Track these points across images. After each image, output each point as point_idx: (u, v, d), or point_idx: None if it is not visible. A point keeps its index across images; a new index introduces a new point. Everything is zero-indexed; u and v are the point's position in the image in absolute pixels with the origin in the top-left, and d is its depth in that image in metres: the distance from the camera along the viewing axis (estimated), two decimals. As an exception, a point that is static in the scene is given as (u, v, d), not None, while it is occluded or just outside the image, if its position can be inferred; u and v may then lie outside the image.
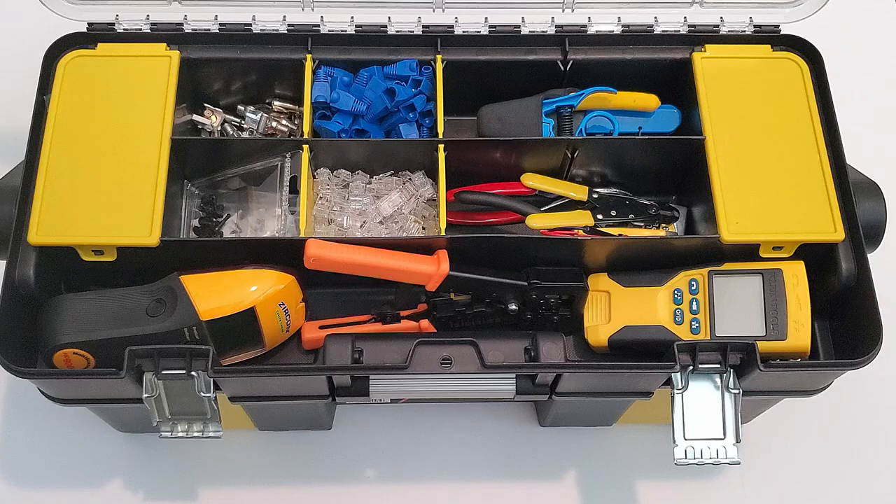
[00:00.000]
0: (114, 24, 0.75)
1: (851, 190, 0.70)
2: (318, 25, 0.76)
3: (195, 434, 0.67)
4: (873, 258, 0.70)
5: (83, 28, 0.75)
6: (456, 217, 0.77)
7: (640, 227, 0.75)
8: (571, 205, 0.76)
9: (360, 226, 0.76)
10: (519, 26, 0.77)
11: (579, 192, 0.76)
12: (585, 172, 0.77)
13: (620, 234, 0.74)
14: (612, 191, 0.77)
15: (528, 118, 0.76)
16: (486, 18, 0.77)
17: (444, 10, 0.77)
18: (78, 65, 0.74)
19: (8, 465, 0.79)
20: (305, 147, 0.73)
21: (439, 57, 0.76)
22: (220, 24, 0.76)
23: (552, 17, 0.77)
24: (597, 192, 0.76)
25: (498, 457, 0.80)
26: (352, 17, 0.76)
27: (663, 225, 0.76)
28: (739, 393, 0.65)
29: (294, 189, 0.75)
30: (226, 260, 0.69)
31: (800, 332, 0.68)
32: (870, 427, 0.82)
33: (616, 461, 0.80)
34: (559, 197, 0.76)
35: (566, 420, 0.80)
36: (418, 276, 0.69)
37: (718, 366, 0.65)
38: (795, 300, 0.69)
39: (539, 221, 0.73)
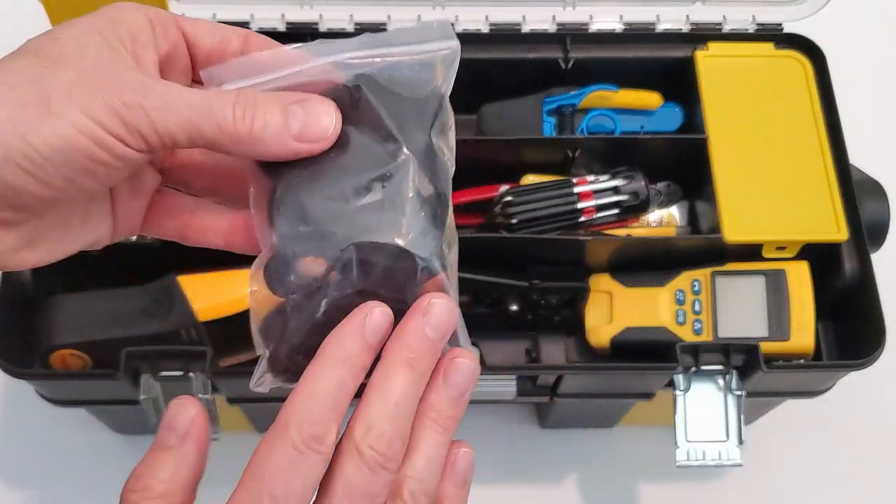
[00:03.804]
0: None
1: (854, 190, 0.70)
2: (317, 23, 0.76)
3: (193, 436, 0.66)
4: (876, 258, 0.69)
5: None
6: (456, 217, 0.77)
7: (642, 215, 0.75)
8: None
9: (360, 225, 0.75)
10: (520, 24, 0.76)
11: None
12: (587, 171, 0.77)
13: (628, 235, 0.73)
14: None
15: (529, 117, 0.76)
16: (486, 16, 0.76)
17: (444, 8, 0.76)
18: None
19: (4, 467, 0.78)
20: (304, 146, 0.72)
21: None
22: (219, 22, 0.75)
23: (553, 15, 0.76)
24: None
25: (498, 458, 0.79)
26: (351, 15, 0.76)
27: (666, 208, 0.76)
28: (742, 394, 0.65)
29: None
30: (223, 260, 0.68)
31: (803, 332, 0.68)
32: (874, 428, 0.82)
33: (618, 463, 0.79)
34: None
35: (567, 422, 0.79)
36: (418, 276, 0.68)
37: (721, 367, 0.65)
38: (798, 301, 0.68)
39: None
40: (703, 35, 0.76)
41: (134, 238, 0.70)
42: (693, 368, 0.65)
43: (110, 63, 0.33)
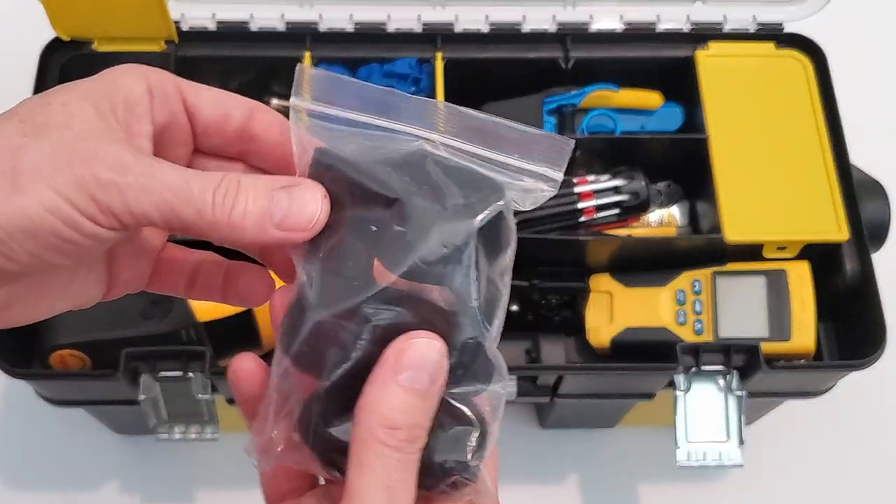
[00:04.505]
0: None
1: (855, 189, 0.70)
2: (317, 23, 0.75)
3: (192, 436, 0.66)
4: (877, 258, 0.69)
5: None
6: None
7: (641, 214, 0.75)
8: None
9: (360, 225, 0.75)
10: (520, 24, 0.76)
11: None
12: (587, 171, 0.77)
13: (628, 235, 0.73)
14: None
15: (530, 117, 0.75)
16: (486, 16, 0.76)
17: (444, 8, 0.76)
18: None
19: (4, 467, 0.78)
20: (304, 146, 0.72)
21: (439, 55, 0.75)
22: (218, 22, 0.75)
23: (553, 15, 0.76)
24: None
25: (498, 459, 0.79)
26: (351, 15, 0.75)
27: (667, 208, 0.76)
28: (743, 395, 0.65)
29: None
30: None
31: (804, 332, 0.68)
32: (874, 429, 0.81)
33: (618, 463, 0.79)
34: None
35: (568, 422, 0.79)
36: (418, 276, 0.68)
37: (722, 367, 0.65)
38: (799, 301, 0.68)
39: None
40: (703, 35, 0.76)
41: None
42: (693, 369, 0.65)
43: (94, 135, 0.31)
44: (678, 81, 0.77)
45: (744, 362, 0.65)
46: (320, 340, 0.32)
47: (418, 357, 0.32)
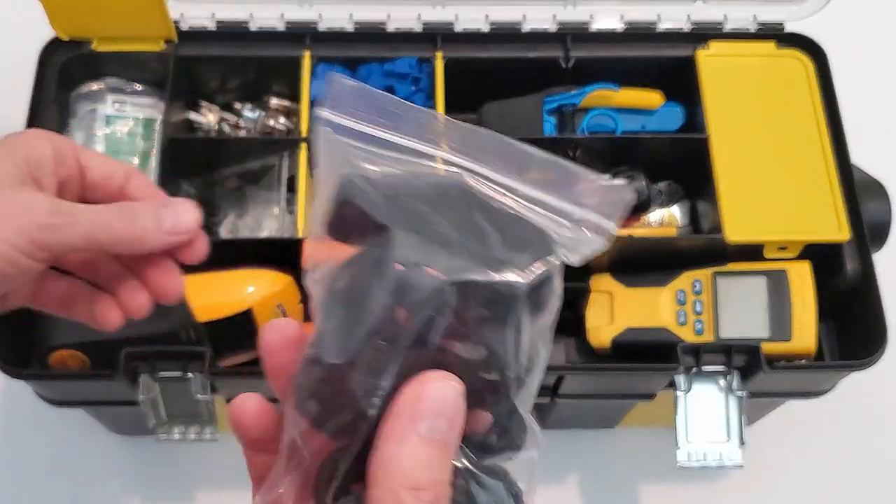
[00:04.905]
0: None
1: (856, 189, 0.70)
2: (317, 22, 0.75)
3: (192, 436, 0.66)
4: (878, 258, 0.69)
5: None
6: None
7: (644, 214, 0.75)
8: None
9: (360, 225, 0.75)
10: (520, 23, 0.76)
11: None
12: (587, 171, 0.77)
13: (629, 235, 0.73)
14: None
15: (530, 116, 0.75)
16: (486, 15, 0.76)
17: (444, 7, 0.76)
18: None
19: (3, 468, 0.78)
20: (303, 145, 0.72)
21: (439, 54, 0.75)
22: (218, 22, 0.75)
23: (554, 14, 0.76)
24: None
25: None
26: (350, 14, 0.75)
27: (667, 208, 0.76)
28: (744, 395, 0.65)
29: (292, 188, 0.74)
30: (222, 260, 0.68)
31: (805, 333, 0.67)
32: (876, 429, 0.81)
33: (618, 464, 0.79)
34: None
35: (568, 422, 0.79)
36: (418, 276, 0.68)
37: (722, 368, 0.64)
38: (800, 301, 0.68)
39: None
40: (704, 34, 0.76)
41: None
42: (694, 369, 0.64)
43: (23, 189, 0.41)
44: (679, 81, 0.76)
45: (745, 362, 0.65)
46: (339, 400, 0.29)
47: (437, 402, 0.28)
